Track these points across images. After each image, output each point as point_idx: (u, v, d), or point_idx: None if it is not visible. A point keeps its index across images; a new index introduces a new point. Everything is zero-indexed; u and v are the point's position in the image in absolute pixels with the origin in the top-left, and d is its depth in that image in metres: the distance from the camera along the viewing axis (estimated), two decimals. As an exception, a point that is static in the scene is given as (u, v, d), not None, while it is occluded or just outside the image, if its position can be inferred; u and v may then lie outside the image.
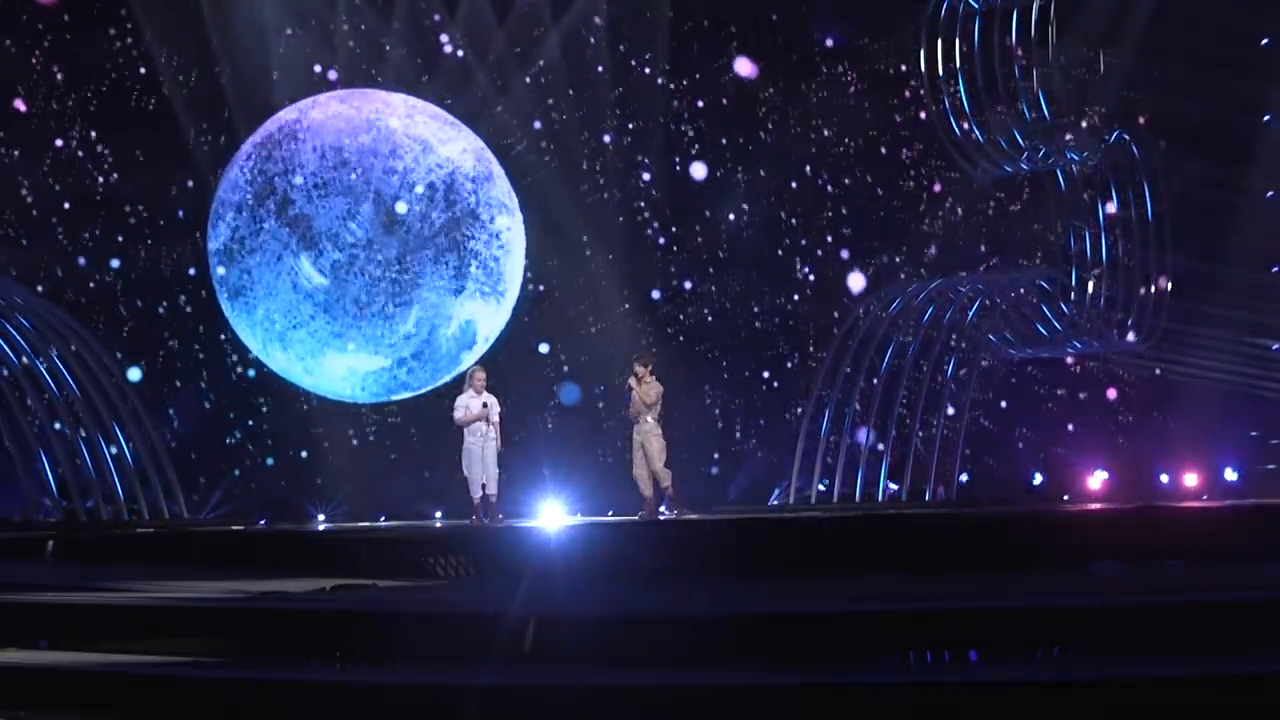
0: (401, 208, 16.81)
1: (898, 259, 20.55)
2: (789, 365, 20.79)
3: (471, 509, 15.26)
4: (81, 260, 20.06)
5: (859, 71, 20.38)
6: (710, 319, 20.94)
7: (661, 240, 20.93)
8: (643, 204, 20.73)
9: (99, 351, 18.84)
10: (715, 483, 20.23)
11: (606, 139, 20.56)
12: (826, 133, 20.44)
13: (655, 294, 20.82)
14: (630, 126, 20.76)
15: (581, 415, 20.28)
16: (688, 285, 20.89)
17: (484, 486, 15.21)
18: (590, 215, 20.55)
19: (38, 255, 19.89)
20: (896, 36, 19.82)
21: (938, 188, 20.13)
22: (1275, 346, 18.30)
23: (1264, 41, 17.95)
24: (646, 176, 20.63)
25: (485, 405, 15.27)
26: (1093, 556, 10.26)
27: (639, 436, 15.26)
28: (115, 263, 20.08)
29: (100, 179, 20.11)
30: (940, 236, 20.25)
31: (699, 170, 20.55)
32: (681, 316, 20.88)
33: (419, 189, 17.05)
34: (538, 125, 20.44)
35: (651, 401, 15.11)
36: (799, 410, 19.89)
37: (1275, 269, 18.30)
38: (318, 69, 19.87)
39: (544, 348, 20.32)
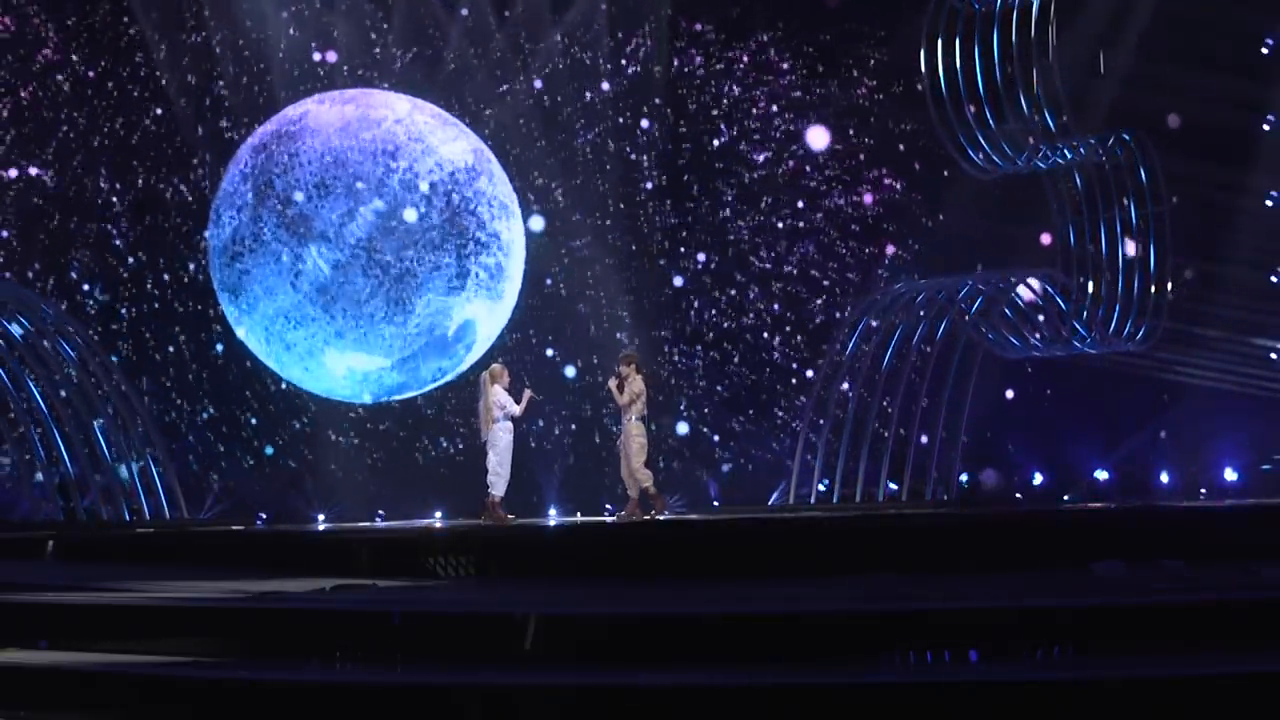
0: (410, 215, 16.81)
1: (902, 255, 20.56)
2: (790, 365, 20.77)
3: (493, 507, 14.85)
4: (79, 260, 20.05)
5: (866, 62, 20.49)
6: (712, 314, 20.95)
7: (663, 228, 20.98)
8: (645, 191, 20.81)
9: (97, 351, 18.84)
10: (717, 481, 20.25)
11: (605, 87, 20.64)
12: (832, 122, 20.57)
13: (677, 280, 20.90)
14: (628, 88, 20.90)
15: (583, 414, 20.29)
16: (699, 260, 20.96)
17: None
18: (589, 200, 20.63)
19: (35, 255, 19.90)
20: (901, 34, 19.90)
21: (942, 185, 20.19)
22: (1273, 355, 18.30)
23: (1265, 47, 17.96)
24: (645, 124, 20.70)
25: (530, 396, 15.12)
26: (1093, 556, 10.25)
27: (621, 437, 14.87)
28: (114, 263, 20.07)
29: (98, 178, 20.12)
30: (941, 235, 20.28)
31: (819, 138, 20.51)
32: (686, 308, 20.93)
33: (420, 189, 17.04)
34: (537, 85, 20.51)
35: (625, 403, 14.60)
36: (800, 409, 19.89)
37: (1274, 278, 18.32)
38: (317, 56, 19.95)
39: (564, 366, 20.42)
